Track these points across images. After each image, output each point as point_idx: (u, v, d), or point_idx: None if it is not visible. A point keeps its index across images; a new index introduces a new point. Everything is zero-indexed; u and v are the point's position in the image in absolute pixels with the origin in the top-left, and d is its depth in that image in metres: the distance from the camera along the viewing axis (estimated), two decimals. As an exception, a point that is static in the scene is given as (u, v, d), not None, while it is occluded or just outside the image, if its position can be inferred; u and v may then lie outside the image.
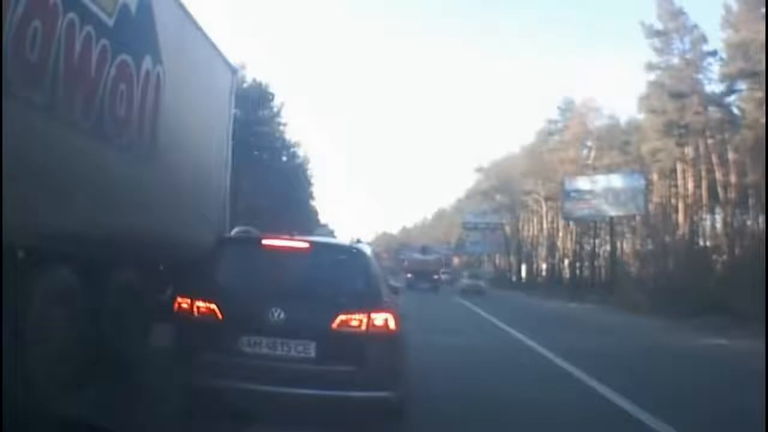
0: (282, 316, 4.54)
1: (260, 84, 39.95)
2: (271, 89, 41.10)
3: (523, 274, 58.67)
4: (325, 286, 5.01)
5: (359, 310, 4.63)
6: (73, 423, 2.29)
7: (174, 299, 4.91)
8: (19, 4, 4.35)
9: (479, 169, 63.20)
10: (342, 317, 4.60)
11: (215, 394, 4.51)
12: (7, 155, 4.11)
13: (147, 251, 6.57)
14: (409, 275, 42.28)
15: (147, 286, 6.65)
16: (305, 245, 5.29)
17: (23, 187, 4.36)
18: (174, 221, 7.11)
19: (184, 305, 4.76)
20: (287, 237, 5.33)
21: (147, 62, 6.29)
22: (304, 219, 44.08)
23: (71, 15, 4.93)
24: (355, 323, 4.61)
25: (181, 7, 7.23)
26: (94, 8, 5.28)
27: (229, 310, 4.66)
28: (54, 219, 4.84)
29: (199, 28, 7.83)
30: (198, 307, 4.69)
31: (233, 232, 6.19)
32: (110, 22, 5.52)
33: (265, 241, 5.32)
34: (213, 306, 4.66)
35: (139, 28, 6.10)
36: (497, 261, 71.09)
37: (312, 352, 4.54)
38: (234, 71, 9.91)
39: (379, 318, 4.67)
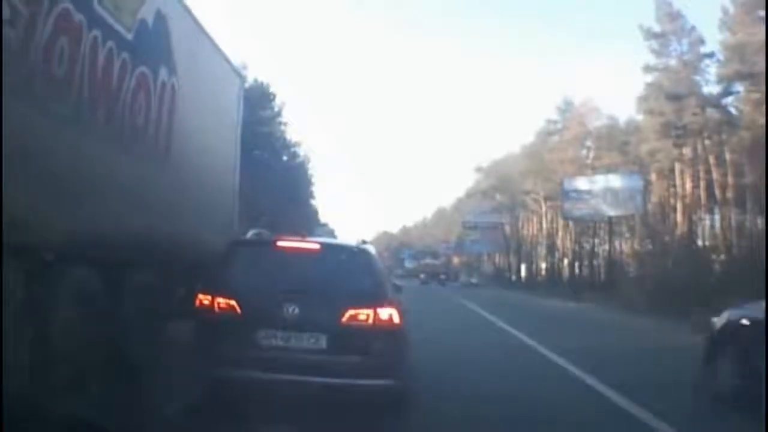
0: (295, 311, 4.92)
1: (261, 84, 39.94)
2: (273, 89, 41.16)
3: (523, 273, 58.81)
4: (334, 284, 5.39)
5: (366, 306, 5.02)
6: (73, 423, 2.31)
7: (195, 296, 5.26)
8: (48, 23, 4.63)
9: (479, 169, 63.53)
10: (350, 312, 4.98)
11: (234, 384, 4.90)
12: (35, 163, 4.44)
13: (162, 252, 6.83)
14: (422, 275, 59.28)
15: (161, 286, 6.93)
16: (316, 246, 5.70)
17: (49, 192, 4.67)
18: (186, 224, 7.41)
19: (206, 301, 5.13)
20: (299, 239, 5.76)
21: (163, 73, 6.60)
22: (305, 218, 44.20)
23: (95, 32, 5.22)
24: (362, 318, 4.99)
25: (194, 20, 7.54)
26: (115, 24, 5.57)
27: (247, 305, 5.03)
28: (77, 222, 5.12)
29: (210, 39, 8.13)
30: (219, 303, 5.06)
31: (249, 235, 6.55)
32: (129, 36, 5.82)
33: (279, 243, 5.68)
34: (233, 302, 5.03)
35: (155, 41, 6.40)
36: (497, 260, 71.17)
37: (323, 344, 4.91)
38: (241, 77, 10.19)
39: (384, 313, 5.05)
